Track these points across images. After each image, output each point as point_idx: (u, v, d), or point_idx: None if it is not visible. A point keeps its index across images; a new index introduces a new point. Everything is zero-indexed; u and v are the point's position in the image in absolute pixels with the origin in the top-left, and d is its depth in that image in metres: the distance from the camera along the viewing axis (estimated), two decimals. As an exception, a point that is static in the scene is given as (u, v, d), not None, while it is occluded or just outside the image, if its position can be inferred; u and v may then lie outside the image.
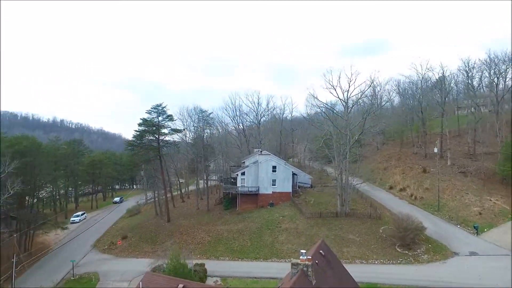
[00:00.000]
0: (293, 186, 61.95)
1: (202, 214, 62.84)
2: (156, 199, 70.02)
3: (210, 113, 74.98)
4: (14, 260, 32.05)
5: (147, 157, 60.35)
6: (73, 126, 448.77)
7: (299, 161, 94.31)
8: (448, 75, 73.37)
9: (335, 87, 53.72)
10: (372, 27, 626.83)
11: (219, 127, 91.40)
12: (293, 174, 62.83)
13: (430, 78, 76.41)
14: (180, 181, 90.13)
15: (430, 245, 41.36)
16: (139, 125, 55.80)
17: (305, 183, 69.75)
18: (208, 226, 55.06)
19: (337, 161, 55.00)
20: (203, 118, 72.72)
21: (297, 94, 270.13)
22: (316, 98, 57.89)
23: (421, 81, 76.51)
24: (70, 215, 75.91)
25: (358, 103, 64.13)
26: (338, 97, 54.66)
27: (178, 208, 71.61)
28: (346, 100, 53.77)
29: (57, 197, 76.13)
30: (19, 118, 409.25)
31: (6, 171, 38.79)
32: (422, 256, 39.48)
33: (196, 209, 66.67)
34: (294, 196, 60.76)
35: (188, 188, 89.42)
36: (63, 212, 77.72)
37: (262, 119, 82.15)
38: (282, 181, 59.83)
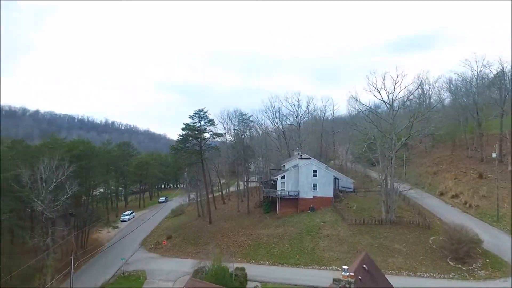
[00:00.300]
0: (334, 191, 60.43)
1: (242, 216, 63.58)
2: (199, 199, 72.15)
3: (250, 116, 75.70)
4: (72, 257, 34.82)
5: (190, 161, 62.46)
6: (123, 128, 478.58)
7: (341, 164, 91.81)
8: (509, 71, 66.77)
9: (379, 89, 51.46)
10: (421, 20, 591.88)
11: (258, 129, 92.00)
12: (335, 178, 61.27)
13: (487, 75, 70.20)
14: (221, 182, 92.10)
15: (488, 260, 37.99)
16: (182, 129, 57.99)
17: (347, 188, 67.69)
18: (249, 230, 55.57)
19: (381, 165, 52.63)
20: (243, 121, 73.61)
21: (339, 93, 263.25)
22: (359, 101, 55.86)
23: (477, 79, 70.58)
24: (120, 213, 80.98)
25: (405, 106, 60.70)
26: (383, 100, 52.26)
27: (219, 210, 73.19)
28: (391, 102, 51.23)
29: (109, 196, 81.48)
30: (76, 120, 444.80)
31: (65, 174, 42.30)
32: (479, 272, 36.37)
33: (236, 211, 67.64)
34: (336, 201, 59.23)
35: (229, 189, 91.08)
36: (115, 211, 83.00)
37: (302, 121, 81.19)
38: (323, 186, 58.62)
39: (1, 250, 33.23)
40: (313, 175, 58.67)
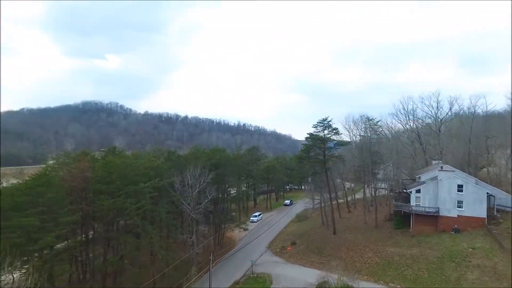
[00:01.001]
0: (488, 210, 49.83)
1: (369, 230, 59.59)
2: (323, 205, 71.33)
3: (378, 121, 70.09)
4: (211, 258, 39.77)
5: (314, 170, 62.46)
6: (252, 129, 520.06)
7: (497, 175, 74.79)
8: None
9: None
10: None
11: (387, 133, 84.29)
12: (489, 195, 50.46)
13: None
14: (346, 187, 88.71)
15: None
16: (306, 139, 58.43)
17: (507, 207, 54.71)
18: (377, 246, 51.63)
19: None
20: (370, 126, 68.82)
21: (493, 82, 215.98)
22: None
23: None
24: (250, 214, 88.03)
25: None
26: None
27: (344, 219, 70.66)
28: None
29: (241, 197, 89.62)
30: (214, 123, 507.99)
31: (206, 181, 48.74)
32: None
33: (363, 223, 63.85)
34: (491, 223, 48.74)
35: (354, 196, 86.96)
36: (245, 211, 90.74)
37: (442, 126, 69.99)
38: (471, 204, 49.15)
39: (161, 245, 40.80)
40: (458, 191, 49.85)
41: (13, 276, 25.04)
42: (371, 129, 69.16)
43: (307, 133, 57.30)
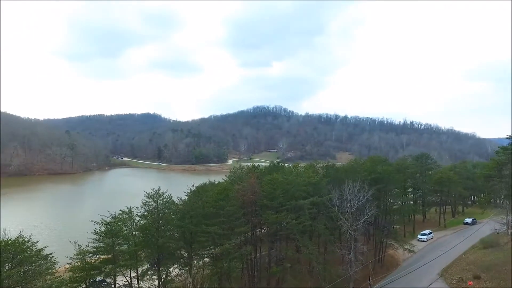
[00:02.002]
0: None
1: None
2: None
3: None
4: (370, 282, 37.91)
5: (509, 193, 49.33)
6: (422, 127, 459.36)
7: None
8: None
9: None
10: None
11: None
12: None
13: None
14: None
15: None
16: (497, 153, 46.77)
17: None
18: None
19: None
20: None
21: None
22: None
23: None
24: (417, 229, 78.09)
25: None
26: None
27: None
28: None
29: (406, 209, 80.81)
30: (376, 122, 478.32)
31: (365, 198, 46.68)
32: None
33: None
34: None
35: None
36: (411, 225, 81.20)
37: None
38: None
39: (318, 259, 42.07)
40: None
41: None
42: None
43: (498, 147, 45.75)
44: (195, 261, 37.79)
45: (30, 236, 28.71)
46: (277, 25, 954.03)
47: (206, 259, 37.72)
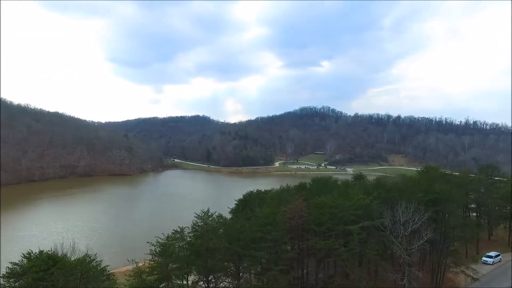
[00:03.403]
0: None
1: None
2: None
3: None
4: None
5: None
6: (487, 127, 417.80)
7: None
8: None
9: None
10: None
11: None
12: None
13: None
14: None
15: None
16: None
17: None
18: None
19: None
20: None
21: None
22: None
23: None
24: (481, 249, 71.00)
25: None
26: None
27: None
28: None
29: (467, 230, 74.03)
30: (433, 123, 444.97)
31: (421, 221, 43.66)
32: None
33: None
34: None
35: None
36: (473, 243, 74.13)
37: None
38: None
39: (368, 285, 40.27)
40: None
41: None
42: None
43: None
44: (243, 274, 38.69)
45: (95, 255, 31.40)
46: (326, 23, 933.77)
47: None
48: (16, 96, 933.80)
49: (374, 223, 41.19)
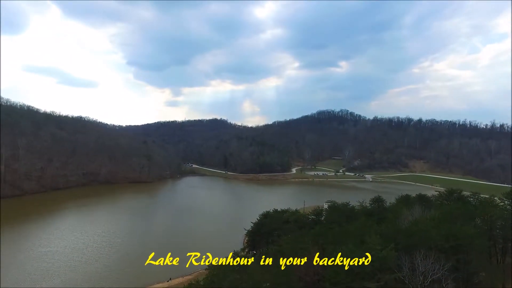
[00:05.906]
0: None
1: None
2: None
3: None
4: None
5: None
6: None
7: None
8: None
9: None
10: None
11: None
12: None
13: None
14: None
15: None
16: None
17: None
18: None
19: None
20: None
21: None
22: None
23: None
24: (509, 281, 67.64)
25: None
26: None
27: None
28: None
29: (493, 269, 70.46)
30: (456, 126, 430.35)
31: (441, 272, 42.08)
32: None
33: None
34: None
35: None
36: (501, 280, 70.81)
37: None
38: None
39: None
40: None
41: None
42: None
43: None
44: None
45: None
46: (343, 23, 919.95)
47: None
48: (43, 104, 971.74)
49: (391, 278, 40.07)
